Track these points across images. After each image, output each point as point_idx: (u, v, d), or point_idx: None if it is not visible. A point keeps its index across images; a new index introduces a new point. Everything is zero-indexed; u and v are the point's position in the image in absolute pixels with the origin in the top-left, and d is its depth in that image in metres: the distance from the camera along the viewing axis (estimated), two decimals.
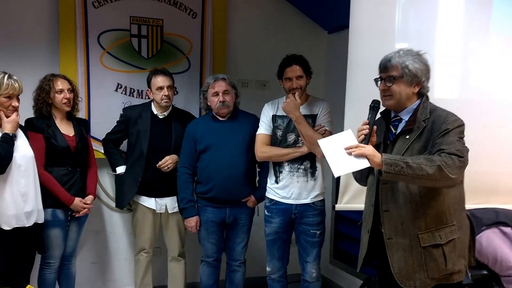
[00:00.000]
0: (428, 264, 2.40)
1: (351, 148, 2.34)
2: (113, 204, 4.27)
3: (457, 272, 2.44)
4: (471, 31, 3.17)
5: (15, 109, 3.03)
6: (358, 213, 3.84)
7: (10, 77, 2.99)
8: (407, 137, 2.43)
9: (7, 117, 3.00)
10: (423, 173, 2.23)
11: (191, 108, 4.20)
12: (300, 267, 3.60)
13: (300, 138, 3.40)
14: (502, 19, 3.21)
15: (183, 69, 4.31)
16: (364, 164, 2.33)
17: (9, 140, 2.96)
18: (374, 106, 2.52)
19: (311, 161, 3.43)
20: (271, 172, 3.52)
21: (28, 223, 3.07)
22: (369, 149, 2.33)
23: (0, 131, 3.00)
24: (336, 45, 4.77)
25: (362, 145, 2.35)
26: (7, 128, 2.98)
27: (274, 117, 3.50)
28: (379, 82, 2.51)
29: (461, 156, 2.28)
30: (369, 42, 3.12)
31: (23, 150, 3.07)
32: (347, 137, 2.41)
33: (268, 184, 3.55)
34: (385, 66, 2.47)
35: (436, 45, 3.17)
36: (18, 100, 3.05)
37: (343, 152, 2.35)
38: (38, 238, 3.22)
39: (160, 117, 3.78)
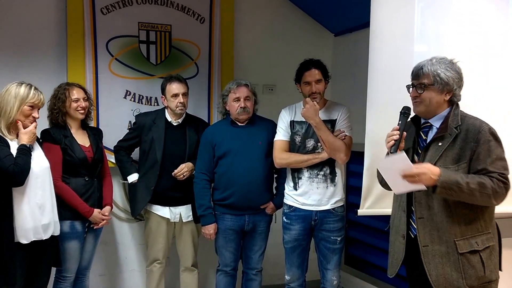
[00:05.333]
0: (466, 272, 2.37)
1: (407, 176, 2.30)
2: (120, 214, 4.20)
3: (494, 280, 2.42)
4: (489, 31, 3.14)
5: (34, 120, 2.98)
6: (371, 218, 3.85)
7: (36, 88, 2.98)
8: (440, 144, 2.42)
9: (25, 127, 2.93)
10: (472, 198, 2.30)
11: (200, 114, 4.15)
12: (319, 274, 3.55)
13: (319, 143, 3.35)
14: None
15: (191, 74, 4.25)
16: (421, 187, 2.34)
17: (27, 151, 2.89)
18: (405, 112, 2.51)
19: (330, 167, 3.38)
20: (289, 178, 3.47)
21: (46, 236, 2.99)
22: (426, 178, 2.28)
23: (16, 142, 2.93)
24: (343, 47, 4.77)
25: (417, 171, 2.29)
26: (24, 139, 2.91)
27: (292, 123, 3.45)
28: (411, 89, 2.51)
29: (506, 184, 2.31)
30: (389, 45, 3.09)
31: (40, 161, 3.01)
32: (402, 160, 2.34)
33: (286, 191, 3.49)
34: (417, 74, 2.48)
35: (455, 48, 3.14)
36: (38, 112, 3.01)
37: (398, 174, 2.32)
38: (54, 251, 3.13)
39: (174, 124, 3.72)
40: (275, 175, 3.69)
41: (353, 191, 4.12)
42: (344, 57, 4.68)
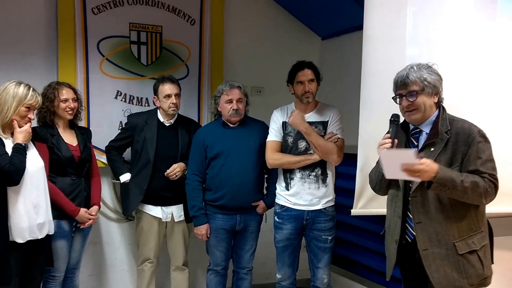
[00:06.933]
0: (467, 271, 2.44)
1: (410, 169, 2.31)
2: (110, 214, 4.19)
3: (489, 276, 2.52)
4: (479, 35, 3.20)
5: (29, 121, 2.97)
6: (358, 218, 3.91)
7: (34, 90, 2.97)
8: (432, 150, 2.47)
9: (19, 127, 2.92)
10: (464, 195, 2.37)
11: (190, 114, 4.16)
12: (310, 273, 3.60)
13: None
14: (506, 20, 3.25)
15: (182, 75, 4.26)
16: (415, 180, 2.41)
17: (22, 150, 2.88)
18: (394, 120, 2.56)
19: (322, 168, 3.45)
20: (281, 178, 3.52)
21: (41, 235, 2.99)
22: (426, 175, 2.32)
23: (11, 141, 2.92)
24: (330, 51, 4.83)
25: (420, 168, 2.30)
26: (19, 138, 2.90)
27: (284, 124, 3.50)
28: (398, 100, 2.55)
29: (496, 185, 2.40)
30: (382, 49, 3.15)
31: (34, 161, 3.00)
32: (409, 156, 2.34)
33: (278, 191, 3.54)
34: (404, 83, 2.50)
35: (446, 51, 3.21)
36: (34, 113, 3.01)
37: (399, 166, 2.33)
38: (48, 250, 3.14)
39: (167, 124, 3.74)
40: (266, 176, 3.73)
41: (341, 193, 4.18)
42: (331, 60, 4.74)
